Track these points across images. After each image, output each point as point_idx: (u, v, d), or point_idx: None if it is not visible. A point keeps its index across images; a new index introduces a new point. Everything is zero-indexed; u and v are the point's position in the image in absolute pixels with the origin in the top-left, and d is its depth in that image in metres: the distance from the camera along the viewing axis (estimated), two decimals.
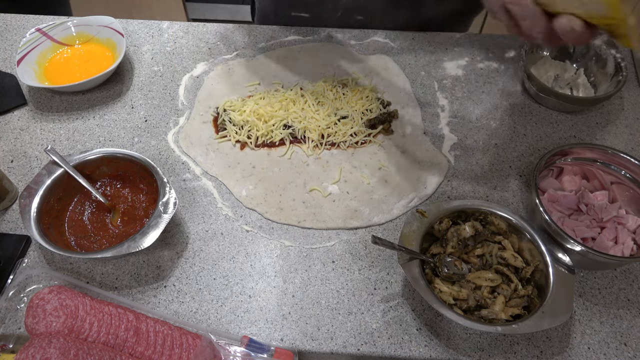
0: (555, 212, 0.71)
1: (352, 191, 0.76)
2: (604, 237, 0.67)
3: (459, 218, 0.69)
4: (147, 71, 0.91)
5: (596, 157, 0.73)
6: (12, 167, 0.79)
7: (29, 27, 0.97)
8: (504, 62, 0.93)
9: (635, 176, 0.70)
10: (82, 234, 0.71)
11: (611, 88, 0.82)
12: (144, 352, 0.60)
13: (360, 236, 0.73)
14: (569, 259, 0.63)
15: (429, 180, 0.78)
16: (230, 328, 0.65)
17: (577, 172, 0.74)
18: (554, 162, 0.73)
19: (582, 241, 0.66)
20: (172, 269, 0.69)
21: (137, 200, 0.74)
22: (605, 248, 0.66)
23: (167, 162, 0.80)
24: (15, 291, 0.66)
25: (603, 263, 0.66)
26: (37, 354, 0.54)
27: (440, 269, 0.66)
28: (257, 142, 0.81)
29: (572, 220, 0.70)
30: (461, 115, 0.86)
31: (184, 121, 0.85)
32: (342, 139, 0.81)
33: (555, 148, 0.72)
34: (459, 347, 0.63)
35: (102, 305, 0.62)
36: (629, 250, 0.66)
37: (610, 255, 0.63)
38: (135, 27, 0.98)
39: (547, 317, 0.58)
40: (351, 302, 0.67)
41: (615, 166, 0.72)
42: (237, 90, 0.88)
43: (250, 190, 0.76)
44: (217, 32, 0.97)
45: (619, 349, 0.63)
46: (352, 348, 0.63)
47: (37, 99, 0.87)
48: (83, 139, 0.82)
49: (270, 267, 0.70)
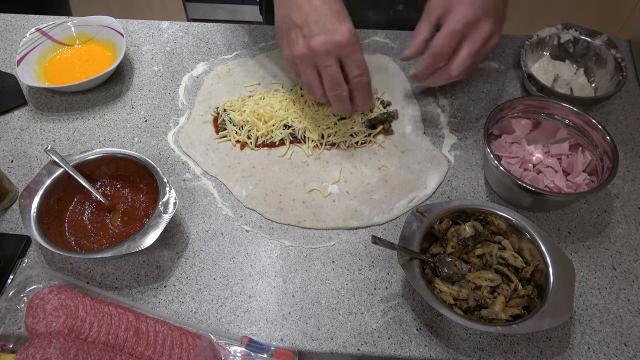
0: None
1: (352, 191, 0.76)
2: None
3: (459, 218, 0.69)
4: (147, 71, 0.91)
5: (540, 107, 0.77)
6: (12, 167, 0.79)
7: (29, 27, 0.97)
8: (504, 62, 0.93)
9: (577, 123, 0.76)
10: (82, 234, 0.71)
11: (611, 88, 0.82)
12: (144, 352, 0.60)
13: (360, 236, 0.73)
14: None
15: (429, 180, 0.78)
16: (230, 328, 0.65)
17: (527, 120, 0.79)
18: (504, 117, 0.77)
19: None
20: (172, 269, 0.69)
21: (137, 200, 0.74)
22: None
23: (167, 162, 0.80)
24: (15, 291, 0.66)
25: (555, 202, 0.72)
26: (37, 354, 0.54)
27: (440, 269, 0.66)
28: (257, 142, 0.81)
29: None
30: (461, 115, 0.86)
31: (184, 121, 0.85)
32: (342, 139, 0.81)
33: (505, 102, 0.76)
34: (459, 347, 0.63)
35: (102, 305, 0.62)
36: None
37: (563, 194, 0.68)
38: (135, 27, 0.98)
39: (547, 317, 0.58)
40: (351, 302, 0.67)
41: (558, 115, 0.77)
42: (237, 90, 0.88)
43: (250, 190, 0.76)
44: (217, 32, 0.97)
45: (619, 349, 0.63)
46: (352, 348, 0.63)
47: (37, 99, 0.87)
48: (83, 139, 0.82)
49: (270, 267, 0.70)
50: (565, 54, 0.89)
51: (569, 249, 0.71)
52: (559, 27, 0.88)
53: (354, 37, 0.70)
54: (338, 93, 0.74)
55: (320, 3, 0.71)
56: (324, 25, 0.70)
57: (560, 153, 0.76)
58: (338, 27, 0.70)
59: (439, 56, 0.73)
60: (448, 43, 0.72)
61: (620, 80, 0.81)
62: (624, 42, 0.95)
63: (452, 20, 0.71)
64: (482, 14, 0.70)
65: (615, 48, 0.84)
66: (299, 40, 0.72)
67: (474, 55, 0.72)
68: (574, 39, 0.88)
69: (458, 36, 0.71)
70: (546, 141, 0.79)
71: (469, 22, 0.70)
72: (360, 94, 0.76)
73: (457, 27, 0.71)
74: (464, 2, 0.71)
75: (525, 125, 0.79)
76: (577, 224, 0.74)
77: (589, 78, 0.87)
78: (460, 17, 0.70)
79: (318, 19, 0.70)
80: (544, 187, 0.73)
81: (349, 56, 0.71)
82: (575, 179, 0.73)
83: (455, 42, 0.72)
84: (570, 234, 0.73)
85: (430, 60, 0.74)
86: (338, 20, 0.70)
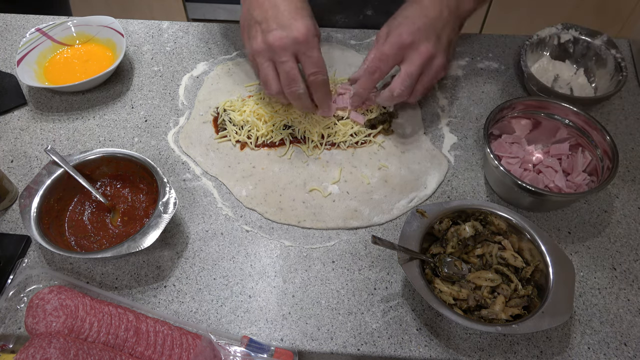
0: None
1: (352, 191, 0.76)
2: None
3: (459, 218, 0.69)
4: (147, 71, 0.91)
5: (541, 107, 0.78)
6: (12, 167, 0.79)
7: (29, 27, 0.97)
8: (504, 62, 0.93)
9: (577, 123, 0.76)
10: (82, 234, 0.71)
11: (611, 88, 0.82)
12: (144, 352, 0.60)
13: (360, 236, 0.73)
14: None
15: (429, 180, 0.78)
16: (230, 328, 0.65)
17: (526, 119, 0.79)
18: (504, 117, 0.78)
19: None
20: (172, 269, 0.69)
21: (137, 200, 0.74)
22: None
23: (167, 162, 0.80)
24: (15, 291, 0.66)
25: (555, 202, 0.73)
26: (37, 354, 0.54)
27: (440, 269, 0.66)
28: (257, 142, 0.81)
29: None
30: (461, 115, 0.86)
31: (184, 121, 0.85)
32: (342, 139, 0.81)
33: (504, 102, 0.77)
34: (459, 347, 0.63)
35: (102, 305, 0.62)
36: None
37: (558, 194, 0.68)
38: (135, 27, 0.98)
39: (547, 317, 0.58)
40: (351, 302, 0.67)
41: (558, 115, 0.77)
42: (237, 90, 0.88)
43: (250, 190, 0.76)
44: (217, 32, 0.97)
45: (619, 349, 0.63)
46: (352, 348, 0.63)
47: (37, 99, 0.87)
48: (83, 139, 0.82)
49: (270, 267, 0.70)
50: (565, 54, 0.89)
51: (569, 249, 0.71)
52: (559, 27, 0.88)
53: (311, 33, 0.71)
54: (294, 90, 0.74)
55: (281, 0, 0.72)
56: (282, 21, 0.71)
57: (560, 153, 0.76)
58: (294, 23, 0.70)
59: (372, 75, 0.75)
60: (378, 64, 0.74)
61: (620, 80, 0.81)
62: (624, 42, 0.95)
63: (387, 42, 0.73)
64: (420, 37, 0.72)
65: (615, 48, 0.84)
66: (258, 36, 0.73)
67: (412, 75, 0.73)
68: (574, 39, 0.88)
69: (392, 59, 0.73)
70: (546, 141, 0.79)
71: (403, 45, 0.72)
72: (317, 92, 0.76)
73: (386, 49, 0.73)
74: (403, 25, 0.73)
75: (525, 125, 0.79)
76: (577, 224, 0.74)
77: (589, 78, 0.87)
78: (394, 40, 0.72)
79: (277, 15, 0.71)
80: (544, 187, 0.73)
81: (305, 53, 0.72)
82: (575, 179, 0.73)
83: (386, 65, 0.74)
84: (570, 234, 0.73)
85: (364, 78, 0.77)
86: (296, 17, 0.71)
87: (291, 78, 0.73)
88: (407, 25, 0.72)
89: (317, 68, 0.73)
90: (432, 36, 0.73)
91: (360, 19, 1.00)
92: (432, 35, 0.73)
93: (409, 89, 0.75)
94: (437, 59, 0.74)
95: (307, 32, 0.70)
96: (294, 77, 0.73)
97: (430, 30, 0.73)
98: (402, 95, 0.75)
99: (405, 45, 0.72)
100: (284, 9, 0.71)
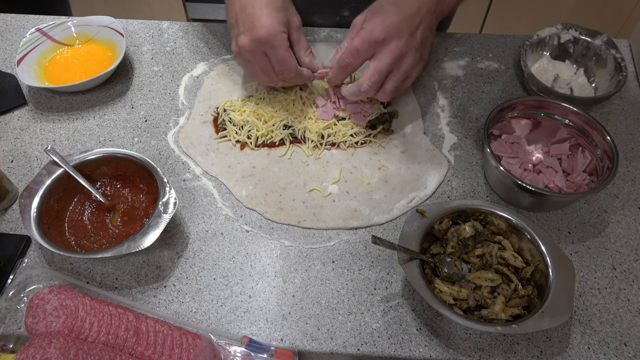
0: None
1: (352, 191, 0.76)
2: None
3: (459, 218, 0.69)
4: (147, 71, 0.91)
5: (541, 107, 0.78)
6: (12, 167, 0.79)
7: (29, 27, 0.97)
8: (504, 62, 0.93)
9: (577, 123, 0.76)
10: (82, 234, 0.71)
11: (611, 88, 0.82)
12: (144, 352, 0.60)
13: (360, 236, 0.73)
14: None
15: (429, 180, 0.78)
16: (230, 328, 0.65)
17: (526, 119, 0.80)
18: (504, 116, 0.78)
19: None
20: (172, 269, 0.69)
21: (137, 200, 0.74)
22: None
23: (167, 162, 0.80)
24: (15, 291, 0.66)
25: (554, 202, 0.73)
26: (37, 354, 0.54)
27: (440, 269, 0.66)
28: (257, 142, 0.81)
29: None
30: (461, 115, 0.86)
31: (184, 121, 0.85)
32: (342, 139, 0.81)
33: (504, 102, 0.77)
34: (459, 347, 0.63)
35: (102, 305, 0.62)
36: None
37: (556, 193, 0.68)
38: (135, 27, 0.98)
39: (547, 317, 0.58)
40: (351, 302, 0.67)
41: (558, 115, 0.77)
42: (237, 90, 0.88)
43: (250, 190, 0.76)
44: (217, 32, 0.97)
45: (619, 349, 0.63)
46: (352, 348, 0.63)
47: (37, 99, 0.87)
48: (83, 139, 0.82)
49: (270, 267, 0.70)
50: (565, 54, 0.89)
51: (569, 249, 0.71)
52: (559, 27, 0.88)
53: (273, 31, 0.71)
54: (275, 82, 0.79)
55: (246, 1, 0.73)
56: (246, 23, 0.72)
57: (560, 153, 0.76)
58: (257, 22, 0.71)
59: (344, 70, 0.76)
60: (349, 60, 0.74)
61: (620, 80, 0.81)
62: (624, 42, 0.95)
63: (358, 36, 0.73)
64: (392, 34, 0.71)
65: (615, 48, 0.84)
66: (232, 40, 0.76)
67: (380, 72, 0.73)
68: (574, 39, 0.88)
69: (362, 54, 0.73)
70: (546, 141, 0.79)
71: (375, 41, 0.71)
72: (292, 82, 0.80)
73: (357, 43, 0.72)
74: (376, 20, 0.72)
75: (525, 125, 0.79)
76: (577, 224, 0.74)
77: (589, 78, 0.87)
78: (366, 35, 0.72)
79: (244, 17, 0.73)
80: (544, 187, 0.73)
81: (270, 51, 0.73)
82: (575, 179, 0.73)
83: (357, 60, 0.74)
84: (570, 234, 0.73)
85: (335, 68, 0.77)
86: (260, 15, 0.71)
87: (268, 75, 0.77)
88: (381, 19, 0.71)
89: (282, 66, 0.75)
90: (405, 34, 0.71)
91: (337, 20, 0.99)
92: (405, 33, 0.71)
93: (376, 85, 0.74)
94: (408, 57, 0.73)
95: (269, 31, 0.71)
96: (268, 73, 0.76)
97: (404, 27, 0.71)
98: (368, 91, 0.75)
99: (377, 41, 0.71)
100: (249, 11, 0.72)
